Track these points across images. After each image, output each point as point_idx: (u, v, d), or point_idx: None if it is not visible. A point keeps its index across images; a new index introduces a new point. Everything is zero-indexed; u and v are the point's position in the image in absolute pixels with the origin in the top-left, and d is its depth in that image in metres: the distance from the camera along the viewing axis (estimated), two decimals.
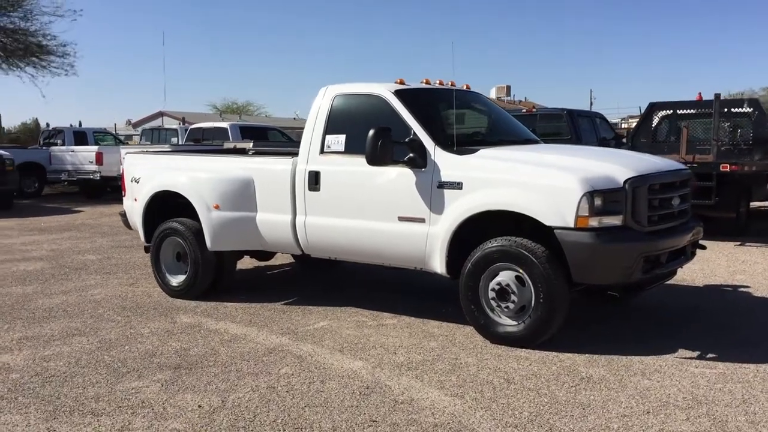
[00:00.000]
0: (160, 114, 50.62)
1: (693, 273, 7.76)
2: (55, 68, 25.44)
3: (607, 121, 15.85)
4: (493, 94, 56.70)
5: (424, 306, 6.30)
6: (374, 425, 3.76)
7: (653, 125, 12.72)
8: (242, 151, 8.50)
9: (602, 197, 4.79)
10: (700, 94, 12.15)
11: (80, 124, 24.56)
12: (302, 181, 6.07)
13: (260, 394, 4.23)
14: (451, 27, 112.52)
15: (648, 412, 3.89)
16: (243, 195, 6.41)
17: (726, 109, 11.88)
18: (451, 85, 6.49)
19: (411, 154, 5.45)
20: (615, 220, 4.84)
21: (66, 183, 19.23)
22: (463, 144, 5.51)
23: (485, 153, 5.40)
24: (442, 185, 5.34)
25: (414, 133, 5.52)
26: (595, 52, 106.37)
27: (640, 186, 4.92)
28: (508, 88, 59.77)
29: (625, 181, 4.87)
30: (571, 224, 4.79)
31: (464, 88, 6.72)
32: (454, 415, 3.89)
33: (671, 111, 12.47)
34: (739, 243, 9.90)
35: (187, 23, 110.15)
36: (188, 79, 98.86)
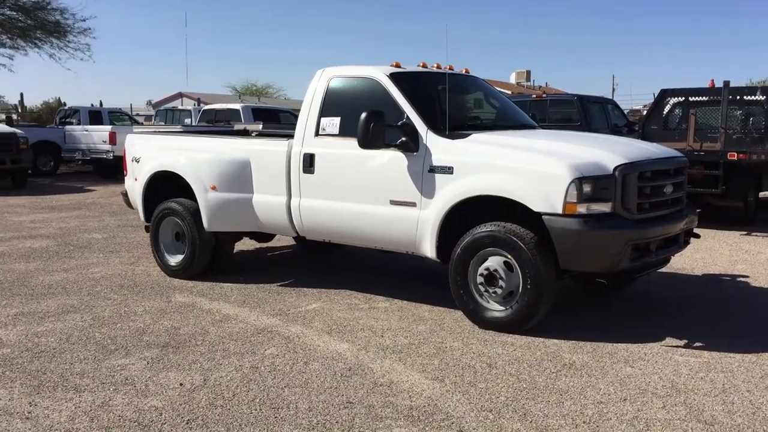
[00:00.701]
0: (180, 95, 50.85)
1: (693, 262, 7.70)
2: (74, 48, 25.64)
3: (619, 108, 15.68)
4: (512, 79, 56.24)
5: (418, 290, 6.32)
6: (350, 407, 3.80)
7: (665, 112, 12.56)
8: (245, 133, 8.54)
9: (591, 184, 4.76)
10: (712, 80, 11.98)
11: (101, 104, 24.78)
12: (297, 163, 6.09)
13: (243, 373, 4.28)
14: (472, 10, 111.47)
15: (625, 400, 3.88)
16: (239, 176, 6.45)
17: (738, 97, 11.71)
18: (449, 69, 6.45)
19: (403, 138, 5.45)
20: (604, 207, 4.81)
21: (80, 162, 19.41)
22: (457, 128, 5.49)
23: (477, 138, 5.38)
24: (433, 169, 5.33)
25: (407, 116, 5.51)
26: (619, 37, 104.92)
27: (630, 173, 4.88)
28: (528, 73, 59.19)
29: (615, 168, 4.83)
30: (559, 210, 4.77)
31: (462, 72, 6.68)
32: (431, 398, 3.91)
33: (683, 98, 12.28)
34: (745, 233, 9.79)
35: (210, 3, 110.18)
36: (210, 61, 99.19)
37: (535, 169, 4.90)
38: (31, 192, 15.32)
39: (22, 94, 50.43)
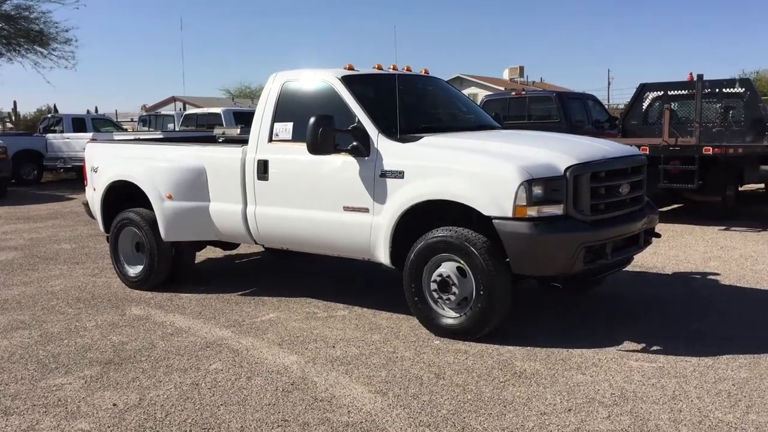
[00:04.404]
0: (173, 99, 50.71)
1: (666, 259, 7.57)
2: (57, 57, 25.46)
3: (600, 103, 15.55)
4: (505, 75, 56.03)
5: (381, 297, 6.18)
6: (284, 425, 3.67)
7: (644, 107, 12.45)
8: (212, 139, 8.41)
9: (541, 186, 4.63)
10: (691, 74, 11.83)
11: (96, 110, 24.62)
12: (251, 170, 5.96)
13: (181, 391, 4.14)
14: (466, 7, 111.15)
15: (570, 410, 3.76)
16: (195, 185, 6.32)
17: (717, 90, 11.59)
18: (407, 70, 6.32)
19: (354, 143, 5.32)
20: (555, 209, 4.68)
21: (62, 170, 19.27)
22: (410, 131, 5.37)
23: (428, 141, 5.24)
24: (385, 174, 5.20)
25: (358, 120, 5.38)
26: (615, 31, 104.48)
27: (582, 173, 4.75)
28: (521, 69, 58.97)
29: (566, 169, 4.70)
30: (510, 214, 4.64)
31: (422, 72, 6.55)
32: (369, 413, 3.78)
33: (662, 92, 12.17)
34: (724, 228, 9.66)
35: (206, 7, 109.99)
36: (207, 64, 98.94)
37: (484, 172, 4.77)
38: (11, 202, 15.17)
39: (15, 102, 50.17)
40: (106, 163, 7.00)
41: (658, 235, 5.72)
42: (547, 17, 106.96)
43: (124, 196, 6.91)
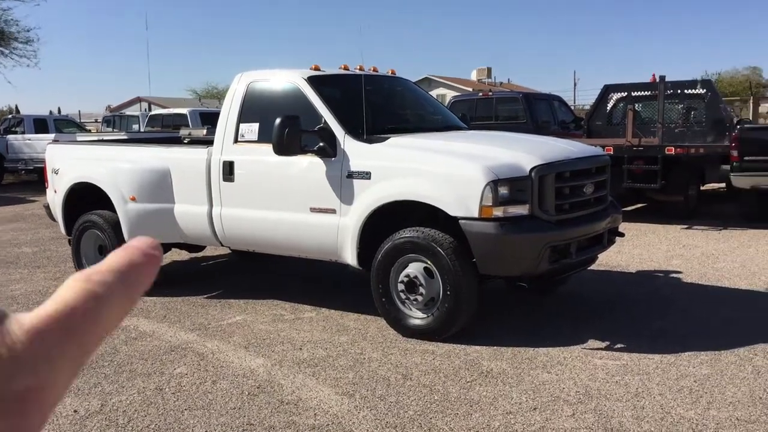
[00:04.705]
0: (138, 99, 50.00)
1: (630, 258, 7.68)
2: (19, 56, 24.95)
3: (566, 104, 15.72)
4: (473, 76, 56.42)
5: (348, 298, 6.15)
6: (250, 428, 3.63)
7: (608, 108, 12.62)
8: (178, 140, 8.31)
9: (507, 186, 4.66)
10: (654, 75, 12.03)
11: (59, 111, 24.15)
12: (217, 171, 5.90)
13: (144, 396, 4.08)
14: (434, 8, 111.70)
15: (535, 408, 3.78)
16: (160, 186, 6.23)
17: (679, 91, 11.80)
18: (373, 70, 6.31)
19: (321, 143, 5.30)
20: (521, 210, 4.72)
21: (23, 172, 18.87)
22: (377, 132, 5.36)
23: (395, 141, 5.25)
24: (351, 175, 5.19)
25: (324, 121, 5.36)
26: (581, 33, 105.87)
27: (547, 174, 4.79)
28: (489, 70, 59.44)
29: (531, 170, 4.74)
30: (476, 214, 4.66)
31: (389, 73, 6.55)
32: (336, 415, 3.76)
33: (625, 93, 12.36)
34: (686, 226, 9.83)
35: (172, 6, 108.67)
36: (173, 64, 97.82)
37: (450, 173, 4.79)
38: None
39: None
40: (67, 164, 6.87)
41: (621, 234, 5.80)
42: (516, 19, 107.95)
43: (86, 199, 6.79)
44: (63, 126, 21.82)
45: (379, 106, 5.91)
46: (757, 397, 3.87)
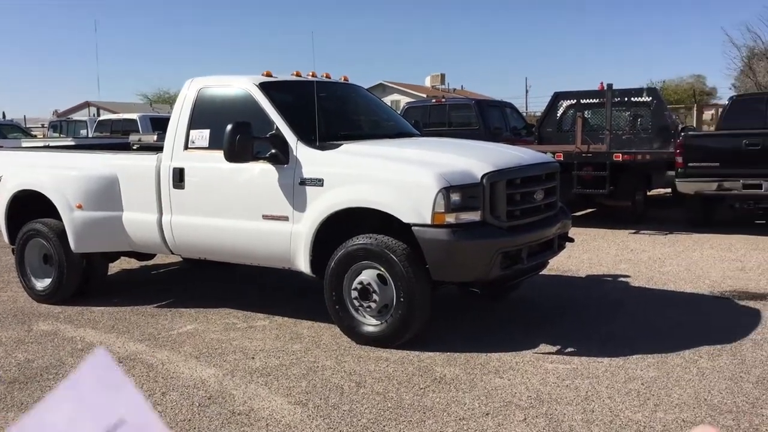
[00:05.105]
0: (87, 104, 48.86)
1: (580, 262, 7.82)
2: None
3: (517, 111, 15.96)
4: (428, 83, 56.75)
5: (302, 306, 6.11)
6: None
7: (559, 115, 12.86)
8: (127, 146, 8.16)
9: (459, 193, 4.70)
10: (602, 83, 12.29)
11: (3, 115, 23.43)
12: (167, 178, 5.80)
13: None
14: (388, 14, 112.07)
15: (487, 414, 3.81)
16: (107, 194, 6.09)
17: (627, 99, 12.09)
18: (326, 77, 6.30)
19: (273, 150, 5.26)
20: (473, 216, 4.76)
21: None
22: (330, 139, 5.35)
23: (348, 148, 5.24)
24: (304, 182, 5.16)
25: (276, 127, 5.32)
26: (533, 40, 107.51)
27: (499, 180, 4.85)
28: (443, 76, 59.82)
29: (483, 176, 4.79)
30: (428, 221, 4.68)
31: (341, 80, 6.55)
32: (288, 425, 3.73)
33: (575, 101, 12.61)
34: (633, 231, 10.07)
35: (122, 9, 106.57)
36: (124, 68, 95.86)
37: (403, 180, 4.80)
38: None
39: None
40: (11, 171, 6.66)
41: (571, 240, 5.91)
42: (469, 26, 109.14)
43: (30, 206, 6.60)
44: (7, 131, 21.18)
45: (332, 112, 5.89)
46: (702, 399, 3.97)
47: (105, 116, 18.76)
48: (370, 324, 5.00)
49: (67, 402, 0.25)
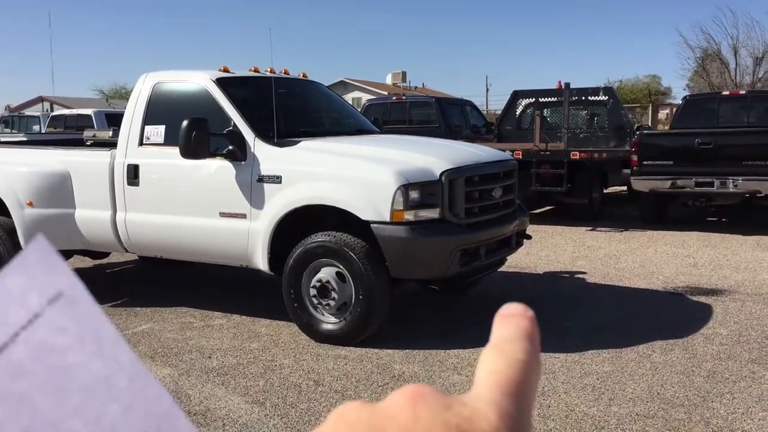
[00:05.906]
0: (41, 99, 47.71)
1: (538, 259, 7.91)
2: None
3: (477, 109, 16.08)
4: (389, 80, 56.84)
5: (260, 304, 6.05)
6: None
7: (518, 113, 12.98)
8: (81, 142, 7.98)
9: (417, 190, 4.71)
10: (560, 82, 12.46)
11: None
12: (121, 175, 5.68)
13: None
14: (350, 10, 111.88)
15: None
16: (59, 190, 5.94)
17: (584, 98, 12.27)
18: (284, 73, 6.25)
19: (230, 147, 5.19)
20: (431, 213, 4.77)
21: None
22: (288, 135, 5.31)
23: (306, 145, 5.20)
24: (262, 179, 5.11)
25: (234, 123, 5.26)
26: (494, 39, 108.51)
27: (457, 178, 4.87)
28: (404, 74, 59.97)
29: (441, 174, 4.80)
30: (387, 218, 4.68)
31: (300, 76, 6.50)
32: (245, 425, 3.69)
33: (534, 99, 12.75)
34: (590, 228, 10.22)
35: (78, 2, 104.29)
36: (78, 62, 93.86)
37: (361, 177, 4.79)
38: None
39: None
40: None
41: (529, 237, 5.96)
42: (431, 23, 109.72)
43: None
44: None
45: (290, 109, 5.85)
46: (655, 393, 4.05)
47: (59, 111, 18.31)
48: (329, 322, 4.97)
49: (18, 276, 0.28)
